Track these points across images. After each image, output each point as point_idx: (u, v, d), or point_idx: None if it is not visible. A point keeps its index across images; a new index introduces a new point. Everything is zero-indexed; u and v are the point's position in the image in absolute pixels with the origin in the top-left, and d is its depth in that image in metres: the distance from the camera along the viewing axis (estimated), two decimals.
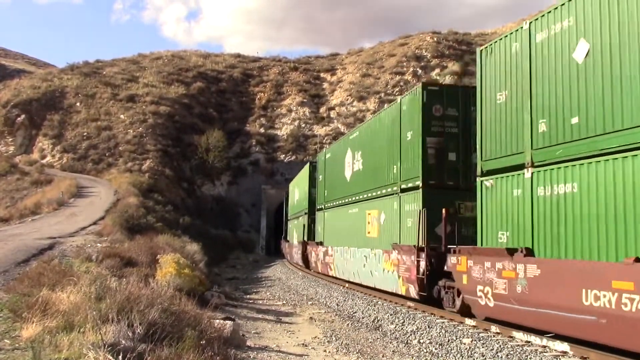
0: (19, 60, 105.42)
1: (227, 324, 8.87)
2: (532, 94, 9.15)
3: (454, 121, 12.85)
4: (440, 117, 12.80)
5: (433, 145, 12.69)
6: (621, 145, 7.27)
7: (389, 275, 14.18)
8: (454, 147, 12.76)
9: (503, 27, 66.20)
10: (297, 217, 31.71)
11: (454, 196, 12.39)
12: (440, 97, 12.92)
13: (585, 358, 7.85)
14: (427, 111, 12.72)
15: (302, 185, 29.81)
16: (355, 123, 47.79)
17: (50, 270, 9.60)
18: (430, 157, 12.67)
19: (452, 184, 12.62)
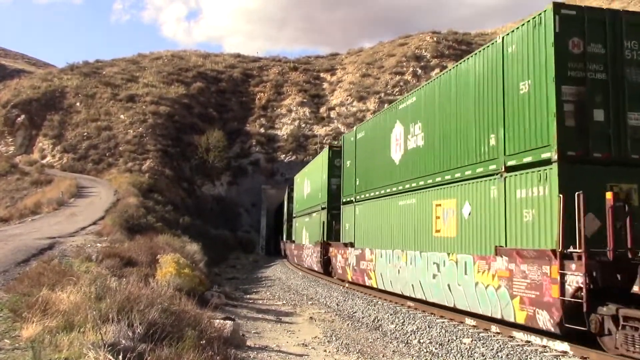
0: (19, 60, 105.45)
1: (227, 323, 8.87)
2: None
3: (600, 63, 8.98)
4: (581, 55, 8.92)
5: (571, 97, 8.72)
6: None
7: (489, 293, 9.94)
8: (602, 102, 8.89)
9: (503, 27, 66.23)
10: (308, 214, 27.01)
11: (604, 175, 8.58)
12: (581, 26, 8.99)
13: (586, 358, 7.84)
14: (560, 47, 8.79)
15: (317, 175, 24.97)
16: (355, 123, 47.75)
17: (50, 270, 9.60)
18: (567, 116, 8.66)
19: (601, 156, 8.73)
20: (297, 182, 32.30)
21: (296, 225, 32.00)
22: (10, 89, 58.69)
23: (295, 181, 33.64)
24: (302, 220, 29.48)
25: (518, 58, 9.56)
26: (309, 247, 25.80)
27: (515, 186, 9.34)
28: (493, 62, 10.32)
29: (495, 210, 9.87)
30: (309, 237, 26.37)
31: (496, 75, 10.17)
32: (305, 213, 28.24)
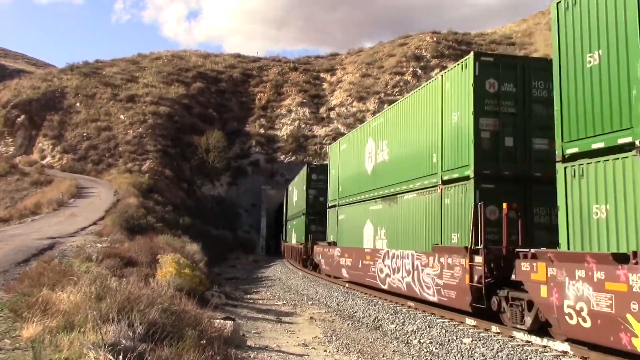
0: (19, 60, 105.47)
1: (228, 323, 8.87)
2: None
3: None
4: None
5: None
6: None
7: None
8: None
9: (503, 27, 66.28)
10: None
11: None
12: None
13: (586, 358, 7.85)
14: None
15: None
16: (355, 123, 47.82)
17: (51, 270, 9.60)
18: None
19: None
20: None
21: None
22: (10, 89, 58.69)
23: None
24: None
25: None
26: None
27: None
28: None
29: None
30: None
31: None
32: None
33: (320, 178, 26.39)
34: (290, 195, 35.92)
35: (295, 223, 32.03)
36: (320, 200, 25.82)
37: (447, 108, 11.95)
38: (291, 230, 34.76)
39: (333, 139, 47.70)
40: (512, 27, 64.57)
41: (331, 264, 21.39)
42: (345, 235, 20.28)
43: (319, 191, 26.06)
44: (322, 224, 24.02)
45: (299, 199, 30.26)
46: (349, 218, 19.88)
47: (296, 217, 31.17)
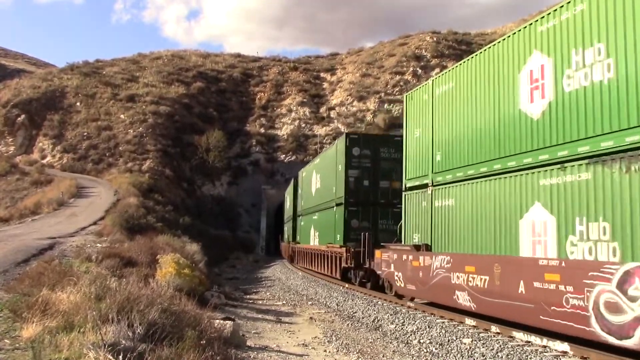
0: (19, 60, 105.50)
1: (227, 324, 8.87)
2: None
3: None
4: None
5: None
6: None
7: None
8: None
9: (503, 27, 66.26)
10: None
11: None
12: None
13: (586, 358, 7.85)
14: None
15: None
16: (355, 123, 47.87)
17: (51, 270, 9.60)
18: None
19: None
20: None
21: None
22: (10, 88, 58.70)
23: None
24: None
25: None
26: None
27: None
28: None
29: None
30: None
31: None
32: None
33: (365, 153, 19.17)
34: (305, 182, 28.75)
35: (317, 218, 24.41)
36: (364, 184, 19.12)
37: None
38: (307, 227, 27.16)
39: (333, 139, 47.73)
40: (512, 27, 64.55)
41: (424, 281, 12.49)
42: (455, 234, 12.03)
43: (364, 172, 19.06)
44: (366, 219, 18.64)
45: (326, 184, 22.34)
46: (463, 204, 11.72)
47: (320, 210, 23.39)
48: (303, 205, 29.11)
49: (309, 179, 27.09)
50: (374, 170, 18.80)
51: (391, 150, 18.74)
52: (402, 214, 14.76)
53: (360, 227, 18.47)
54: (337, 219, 19.60)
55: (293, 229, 33.74)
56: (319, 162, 24.84)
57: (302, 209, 29.34)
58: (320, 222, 23.57)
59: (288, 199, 38.87)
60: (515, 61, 9.98)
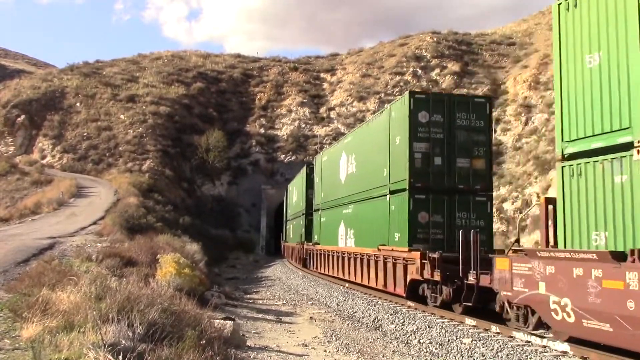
0: (19, 60, 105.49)
1: (227, 323, 8.87)
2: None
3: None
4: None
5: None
6: None
7: None
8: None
9: (503, 27, 66.28)
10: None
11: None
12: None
13: (586, 358, 7.85)
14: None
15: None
16: (355, 123, 47.80)
17: (51, 270, 9.60)
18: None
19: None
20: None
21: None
22: (10, 89, 58.69)
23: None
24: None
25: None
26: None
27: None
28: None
29: None
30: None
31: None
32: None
33: (436, 120, 14.03)
34: (327, 169, 23.06)
35: (352, 212, 18.78)
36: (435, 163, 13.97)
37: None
38: (332, 224, 21.35)
39: (333, 139, 47.73)
40: (513, 27, 64.55)
41: None
42: None
43: (435, 145, 13.86)
44: (439, 211, 13.62)
45: (369, 166, 16.95)
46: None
47: (358, 202, 18.02)
48: (324, 197, 23.20)
49: (334, 164, 21.30)
50: (449, 144, 13.59)
51: (471, 116, 13.75)
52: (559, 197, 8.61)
53: (430, 222, 13.42)
54: (395, 212, 14.29)
55: (306, 227, 28.04)
56: (351, 140, 19.47)
57: (323, 202, 23.23)
58: (359, 217, 17.85)
59: (295, 192, 33.98)
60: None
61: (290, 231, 36.08)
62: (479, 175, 13.64)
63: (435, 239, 13.21)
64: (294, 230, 33.98)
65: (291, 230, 35.58)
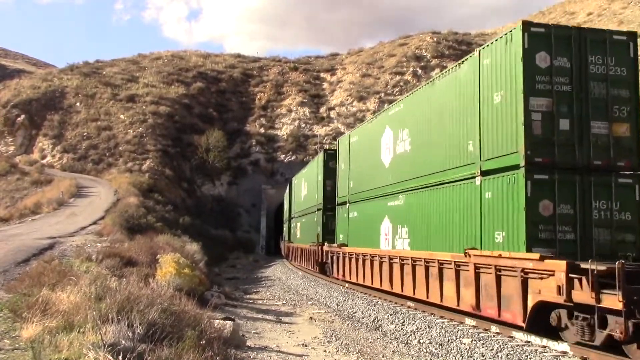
0: (19, 60, 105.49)
1: (227, 324, 8.87)
2: None
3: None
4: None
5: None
6: None
7: None
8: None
9: (503, 27, 66.25)
10: None
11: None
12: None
13: (586, 358, 7.85)
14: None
15: None
16: (355, 123, 47.79)
17: (51, 270, 9.60)
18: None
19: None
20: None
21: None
22: (10, 89, 58.70)
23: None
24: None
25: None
26: None
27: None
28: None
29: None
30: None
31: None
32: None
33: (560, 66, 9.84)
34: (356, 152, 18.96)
35: (401, 206, 14.41)
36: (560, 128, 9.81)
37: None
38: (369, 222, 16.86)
39: (333, 139, 47.73)
40: (512, 26, 64.43)
41: None
42: None
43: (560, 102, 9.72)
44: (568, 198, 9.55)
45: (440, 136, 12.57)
46: None
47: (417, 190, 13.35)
48: (354, 187, 18.54)
49: (371, 144, 16.81)
50: (580, 100, 9.59)
51: (608, 60, 9.75)
52: None
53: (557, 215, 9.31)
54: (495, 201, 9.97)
55: (324, 225, 22.90)
56: (401, 110, 14.74)
57: (352, 194, 18.76)
58: (415, 210, 13.29)
59: (305, 185, 28.78)
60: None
61: (298, 230, 31.16)
62: (623, 147, 9.64)
63: (565, 240, 9.18)
64: (303, 229, 28.85)
65: (299, 229, 30.77)
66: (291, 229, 34.78)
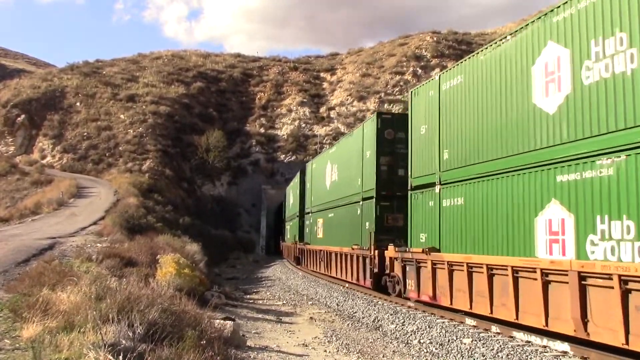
0: (19, 60, 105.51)
1: (227, 324, 8.87)
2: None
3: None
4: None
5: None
6: None
7: None
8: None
9: (503, 27, 66.25)
10: None
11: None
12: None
13: (586, 358, 7.85)
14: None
15: None
16: (355, 123, 47.81)
17: (51, 270, 9.60)
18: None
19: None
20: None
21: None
22: (10, 88, 58.68)
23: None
24: None
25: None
26: None
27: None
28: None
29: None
30: None
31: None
32: None
33: None
34: None
35: None
36: None
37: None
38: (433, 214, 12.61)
39: (333, 139, 47.73)
40: (513, 27, 64.55)
41: None
42: None
43: None
44: None
45: None
46: None
47: None
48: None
49: None
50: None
51: None
52: None
53: None
54: None
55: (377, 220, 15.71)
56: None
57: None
58: None
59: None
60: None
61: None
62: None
63: None
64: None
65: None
66: (285, 231, 33.30)
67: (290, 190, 35.95)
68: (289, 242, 34.41)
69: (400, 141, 15.46)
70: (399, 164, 15.39)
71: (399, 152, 15.48)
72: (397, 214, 15.45)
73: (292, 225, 33.68)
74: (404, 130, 14.62)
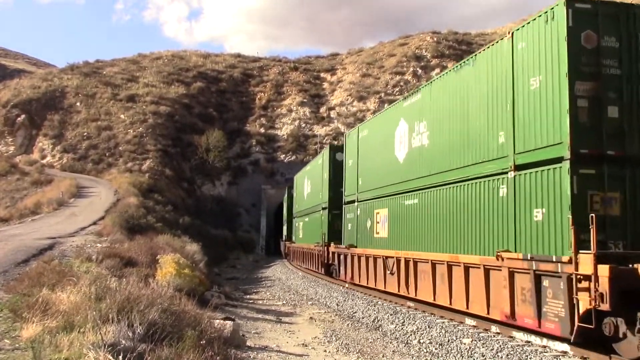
0: (19, 60, 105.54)
1: (227, 324, 8.87)
2: None
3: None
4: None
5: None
6: None
7: None
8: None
9: (503, 27, 66.25)
10: None
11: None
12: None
13: (586, 358, 7.84)
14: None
15: None
16: (355, 123, 47.79)
17: (51, 270, 9.60)
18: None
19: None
20: None
21: None
22: (10, 89, 58.69)
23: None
24: None
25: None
26: None
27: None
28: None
29: None
30: None
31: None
32: None
33: None
34: None
35: None
36: None
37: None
38: None
39: (333, 139, 47.76)
40: (513, 27, 64.51)
41: None
42: None
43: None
44: None
45: None
46: None
47: None
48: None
49: None
50: None
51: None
52: None
53: None
54: None
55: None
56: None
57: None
58: None
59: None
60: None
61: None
62: None
63: None
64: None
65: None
66: (293, 229, 33.10)
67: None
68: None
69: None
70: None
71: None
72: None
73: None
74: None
